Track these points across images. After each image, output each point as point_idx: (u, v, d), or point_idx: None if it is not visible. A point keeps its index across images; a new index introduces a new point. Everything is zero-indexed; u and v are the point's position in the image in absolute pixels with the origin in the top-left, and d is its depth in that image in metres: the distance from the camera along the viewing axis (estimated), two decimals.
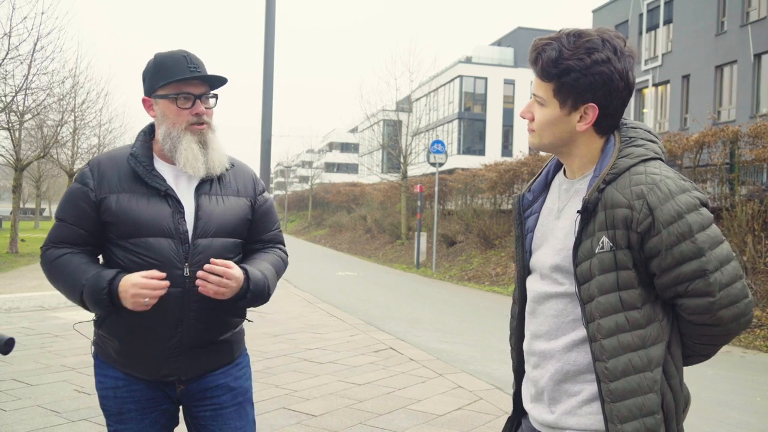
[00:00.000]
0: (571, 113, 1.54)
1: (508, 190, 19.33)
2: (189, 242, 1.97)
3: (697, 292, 1.45)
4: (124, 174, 1.99)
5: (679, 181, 1.48)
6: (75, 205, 1.98)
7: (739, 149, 11.29)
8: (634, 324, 1.48)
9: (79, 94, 22.29)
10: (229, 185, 2.11)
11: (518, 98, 44.55)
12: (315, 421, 4.57)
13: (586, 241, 1.52)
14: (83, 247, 2.00)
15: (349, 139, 78.67)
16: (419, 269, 19.56)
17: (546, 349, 1.63)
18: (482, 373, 6.34)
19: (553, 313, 1.62)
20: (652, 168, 1.50)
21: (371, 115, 29.73)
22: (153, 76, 1.99)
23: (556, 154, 1.69)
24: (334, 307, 10.30)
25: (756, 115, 20.74)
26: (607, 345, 1.49)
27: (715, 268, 1.45)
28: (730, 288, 1.46)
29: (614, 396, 1.48)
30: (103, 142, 30.94)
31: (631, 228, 1.46)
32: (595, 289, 1.50)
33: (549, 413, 1.62)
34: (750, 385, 6.28)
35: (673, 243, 1.44)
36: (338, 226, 35.49)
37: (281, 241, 2.30)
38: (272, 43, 10.12)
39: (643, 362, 1.48)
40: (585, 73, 1.49)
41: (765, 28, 21.98)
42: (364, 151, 55.18)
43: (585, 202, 1.51)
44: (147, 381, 2.03)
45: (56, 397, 4.86)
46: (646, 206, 1.44)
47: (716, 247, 1.46)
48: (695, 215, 1.45)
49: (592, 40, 1.51)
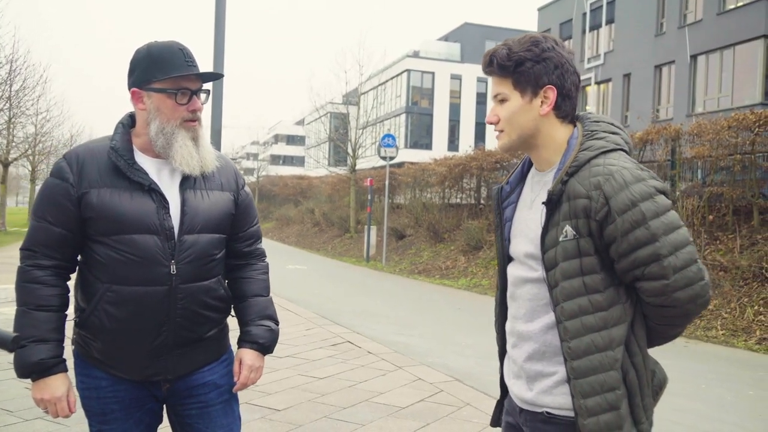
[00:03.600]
0: (532, 100, 1.66)
1: (457, 184, 19.56)
2: (175, 239, 1.92)
3: (653, 275, 1.54)
4: (104, 168, 1.90)
5: (636, 171, 1.57)
6: (55, 203, 1.88)
7: (680, 147, 11.74)
8: (597, 306, 1.59)
9: (16, 81, 21.37)
10: (213, 179, 2.05)
11: (464, 93, 45.09)
12: (279, 415, 4.54)
13: (552, 230, 1.62)
14: (62, 261, 1.92)
15: (295, 132, 78.00)
16: (369, 263, 19.59)
17: (524, 331, 1.74)
18: (440, 365, 6.41)
19: (529, 297, 1.72)
20: (611, 159, 1.59)
21: (320, 107, 29.55)
22: (147, 68, 1.91)
23: (524, 150, 1.77)
24: (287, 300, 10.22)
25: (692, 114, 21.60)
26: (570, 326, 1.60)
27: (669, 253, 1.53)
28: (684, 271, 1.54)
29: (577, 373, 1.59)
30: (40, 131, 29.81)
31: (591, 217, 1.56)
32: (559, 275, 1.61)
33: (528, 391, 1.73)
34: (695, 374, 6.57)
35: (628, 230, 1.53)
36: (285, 219, 35.14)
37: (260, 235, 2.28)
38: (222, 27, 9.86)
39: (605, 342, 1.58)
40: (537, 60, 1.64)
41: (701, 30, 22.89)
42: (312, 144, 54.85)
43: (549, 194, 1.62)
44: (132, 381, 1.97)
45: (7, 396, 4.69)
46: (602, 196, 1.54)
47: (671, 232, 1.54)
48: (649, 203, 1.53)
49: (535, 36, 1.68)
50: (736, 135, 10.59)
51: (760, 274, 9.24)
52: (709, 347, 8.10)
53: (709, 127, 10.87)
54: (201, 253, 1.95)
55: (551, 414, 1.68)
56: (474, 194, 19.25)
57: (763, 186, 10.81)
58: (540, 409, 1.70)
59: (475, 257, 15.72)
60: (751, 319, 8.61)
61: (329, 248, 24.87)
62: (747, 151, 10.67)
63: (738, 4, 21.80)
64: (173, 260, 1.90)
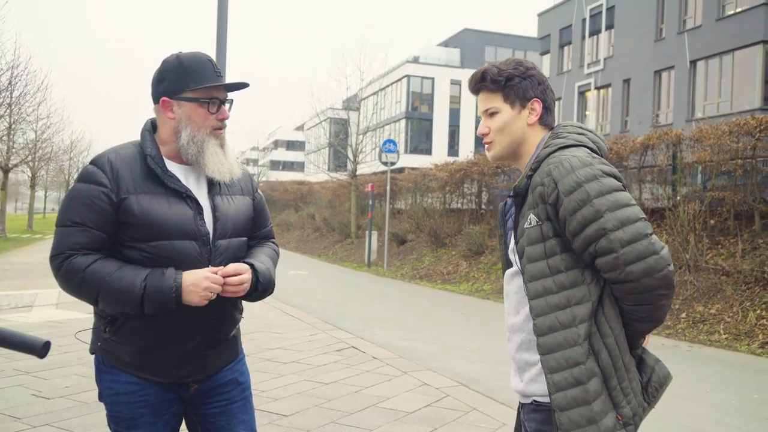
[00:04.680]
0: (521, 111, 1.85)
1: (458, 189, 19.59)
2: (210, 244, 1.98)
3: (602, 250, 1.62)
4: (138, 174, 1.92)
5: (585, 158, 1.70)
6: (93, 207, 1.87)
7: (681, 152, 11.78)
8: (560, 286, 1.68)
9: (17, 87, 21.40)
10: (234, 184, 2.13)
11: (464, 98, 45.13)
12: (286, 420, 4.56)
13: (522, 221, 1.76)
14: (105, 252, 1.91)
15: (295, 137, 78.07)
16: (370, 268, 19.61)
17: (512, 323, 1.85)
18: (446, 369, 6.43)
19: (515, 290, 1.84)
20: (566, 152, 1.73)
21: (320, 112, 29.61)
22: (179, 77, 1.95)
23: (511, 160, 1.92)
24: (290, 306, 10.24)
25: (692, 119, 21.65)
26: (535, 305, 1.71)
27: (615, 227, 1.61)
28: (634, 245, 1.60)
29: (543, 349, 1.69)
30: (40, 137, 29.85)
31: (546, 202, 1.69)
32: (525, 260, 1.74)
33: (519, 381, 1.83)
34: (698, 377, 6.58)
35: (575, 209, 1.64)
36: (286, 225, 35.16)
37: (273, 235, 2.36)
38: (224, 35, 9.91)
39: (568, 318, 1.66)
40: (524, 77, 1.84)
41: (700, 35, 22.96)
42: (311, 149, 54.89)
43: (515, 189, 1.79)
44: (161, 383, 2.01)
45: (14, 403, 4.69)
46: (552, 181, 1.68)
47: (617, 210, 1.62)
48: (594, 183, 1.64)
49: (518, 58, 1.91)
50: (737, 140, 10.62)
51: (762, 278, 9.26)
52: (712, 351, 8.11)
53: (711, 132, 10.91)
54: (232, 256, 2.03)
55: (538, 402, 1.76)
56: (475, 199, 19.28)
57: (764, 190, 10.84)
58: (529, 399, 1.80)
59: (476, 262, 15.74)
60: (753, 323, 8.62)
61: (330, 253, 24.88)
62: (748, 155, 10.72)
63: (737, 9, 21.87)
64: (210, 264, 1.96)
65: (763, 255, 9.60)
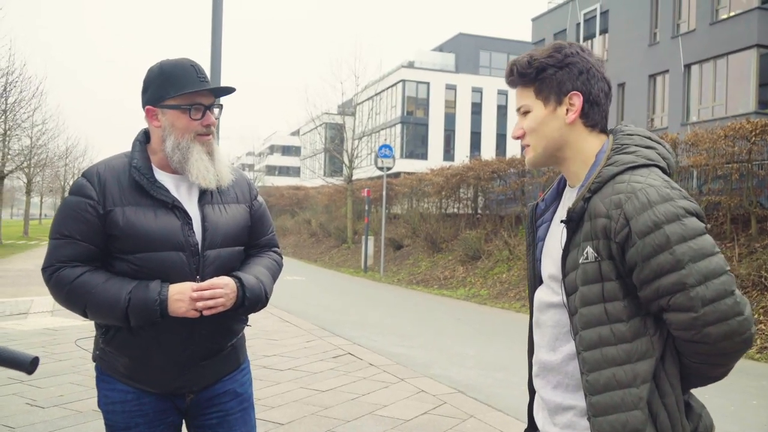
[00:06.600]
0: (557, 108, 1.55)
1: (454, 194, 19.60)
2: (199, 254, 1.94)
3: (679, 306, 1.38)
4: (125, 186, 1.91)
5: (664, 190, 1.41)
6: (81, 220, 1.87)
7: (676, 156, 11.78)
8: (619, 337, 1.44)
9: (12, 93, 21.35)
10: (228, 192, 2.09)
11: (459, 103, 45.24)
12: (283, 429, 4.52)
13: (573, 251, 1.50)
14: (95, 264, 1.90)
15: (291, 142, 78.03)
16: (367, 273, 19.56)
17: (547, 360, 1.62)
18: (443, 376, 6.40)
19: (552, 324, 1.61)
20: (638, 176, 1.45)
21: (315, 117, 29.60)
22: (161, 85, 1.93)
23: (553, 164, 1.64)
24: (286, 312, 10.20)
25: (687, 123, 21.73)
26: (588, 357, 1.46)
27: (698, 282, 1.36)
28: (717, 304, 1.36)
29: (596, 410, 1.46)
30: (36, 143, 29.76)
31: (611, 238, 1.43)
32: (578, 300, 1.48)
33: (552, 425, 1.62)
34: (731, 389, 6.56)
35: (650, 254, 1.38)
36: (282, 230, 35.09)
37: (276, 244, 2.30)
38: (219, 40, 9.89)
39: (628, 377, 1.43)
40: (560, 66, 1.54)
41: (694, 40, 23.05)
42: (307, 154, 54.86)
43: (569, 212, 1.49)
44: (157, 393, 1.99)
45: (8, 412, 4.64)
46: (623, 216, 1.40)
47: (701, 260, 1.37)
48: (676, 225, 1.38)
49: (558, 43, 1.59)
50: (733, 144, 10.66)
51: (759, 282, 9.25)
52: None
53: (706, 136, 10.95)
54: (222, 266, 1.98)
55: None
56: (471, 204, 19.28)
57: (760, 194, 10.86)
58: None
59: (473, 267, 15.71)
60: None
61: (326, 259, 24.84)
62: (744, 159, 10.73)
63: (730, 14, 21.98)
64: (198, 275, 1.92)
65: (761, 259, 9.60)
